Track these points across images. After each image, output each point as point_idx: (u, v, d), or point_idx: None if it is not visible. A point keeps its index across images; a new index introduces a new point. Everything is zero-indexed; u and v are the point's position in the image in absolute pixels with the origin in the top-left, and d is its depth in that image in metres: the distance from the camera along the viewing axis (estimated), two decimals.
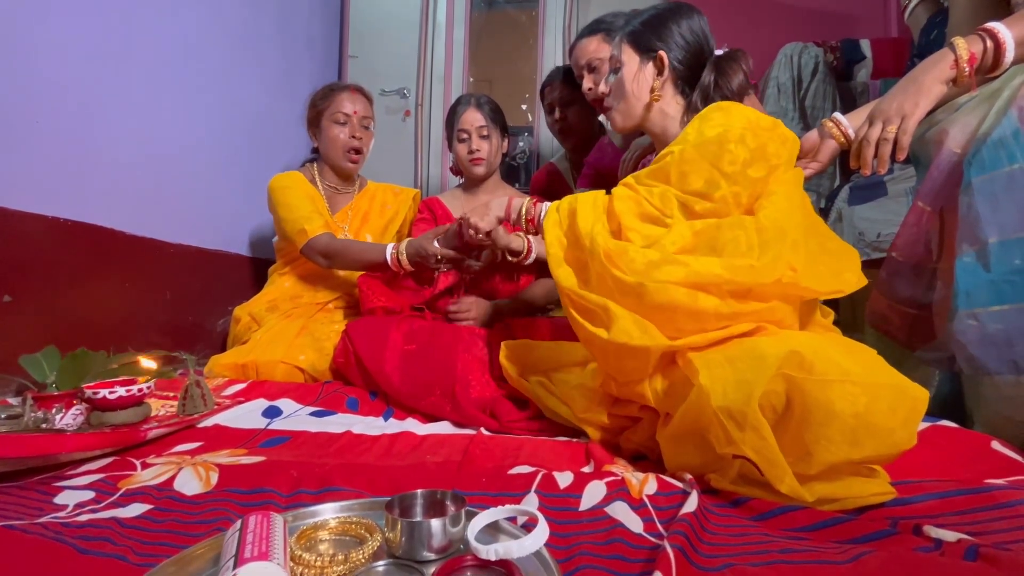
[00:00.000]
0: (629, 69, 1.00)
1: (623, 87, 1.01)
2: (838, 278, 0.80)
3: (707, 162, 0.83)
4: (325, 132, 1.57)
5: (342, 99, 1.56)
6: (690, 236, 0.82)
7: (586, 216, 0.89)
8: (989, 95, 0.90)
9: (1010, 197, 0.85)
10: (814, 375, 0.64)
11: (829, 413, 0.62)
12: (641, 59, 1.00)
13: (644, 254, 0.80)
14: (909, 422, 0.64)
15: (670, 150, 0.87)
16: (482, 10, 2.60)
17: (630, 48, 1.01)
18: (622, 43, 1.02)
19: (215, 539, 0.56)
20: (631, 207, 0.87)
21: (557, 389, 1.00)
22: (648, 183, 0.88)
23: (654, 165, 0.89)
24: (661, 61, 0.98)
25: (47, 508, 0.68)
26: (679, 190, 0.85)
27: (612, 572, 0.54)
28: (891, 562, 0.50)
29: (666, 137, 1.01)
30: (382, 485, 0.72)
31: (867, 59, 2.20)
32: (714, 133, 0.84)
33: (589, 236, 0.85)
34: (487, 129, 1.48)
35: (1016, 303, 0.85)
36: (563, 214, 0.93)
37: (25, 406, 0.86)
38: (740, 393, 0.67)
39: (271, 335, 1.43)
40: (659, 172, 0.87)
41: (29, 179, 1.22)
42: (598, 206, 0.91)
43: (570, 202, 0.93)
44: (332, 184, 1.64)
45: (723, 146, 0.83)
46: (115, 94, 1.43)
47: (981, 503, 0.63)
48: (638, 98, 1.00)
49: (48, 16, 1.25)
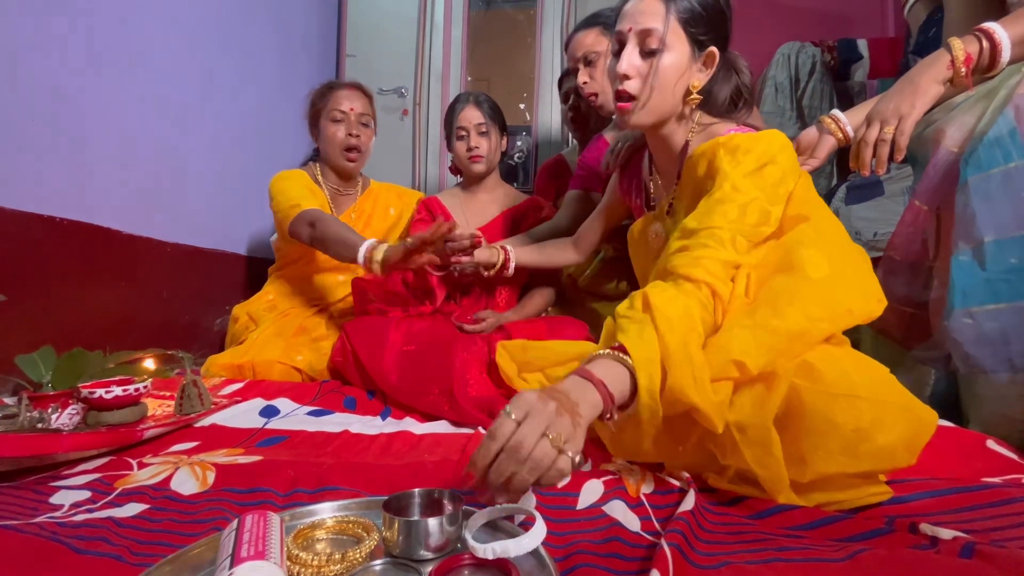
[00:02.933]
0: (677, 58, 0.83)
1: (665, 78, 0.83)
2: (870, 300, 0.74)
3: (758, 190, 0.78)
4: (323, 131, 1.54)
5: (339, 96, 1.53)
6: (755, 276, 0.75)
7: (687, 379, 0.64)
8: (986, 94, 0.91)
9: (1006, 196, 0.85)
10: (820, 385, 0.64)
11: (830, 424, 0.62)
12: (692, 50, 0.85)
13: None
14: (913, 444, 0.63)
15: (718, 188, 0.78)
16: (480, 9, 2.59)
17: (683, 32, 0.84)
18: (671, 19, 0.83)
19: (212, 539, 0.56)
20: (718, 269, 0.74)
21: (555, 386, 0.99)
22: (707, 235, 0.75)
23: (690, 223, 0.78)
24: (712, 59, 0.86)
25: (43, 508, 0.67)
26: (741, 224, 0.76)
27: (609, 571, 0.54)
28: (887, 560, 0.50)
29: (671, 142, 0.93)
30: (379, 484, 0.72)
31: (864, 59, 2.21)
32: (755, 164, 0.79)
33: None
34: (486, 127, 1.48)
35: (1012, 302, 0.85)
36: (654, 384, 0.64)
37: (21, 406, 0.86)
38: (754, 408, 0.65)
39: (268, 335, 1.43)
40: (719, 215, 0.76)
41: (26, 178, 1.21)
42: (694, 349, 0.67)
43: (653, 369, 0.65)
44: (334, 184, 1.61)
45: (763, 170, 0.79)
46: (112, 93, 1.43)
47: (977, 501, 0.63)
48: (675, 95, 0.86)
49: (46, 15, 1.25)
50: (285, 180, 1.50)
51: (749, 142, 0.82)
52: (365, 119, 1.57)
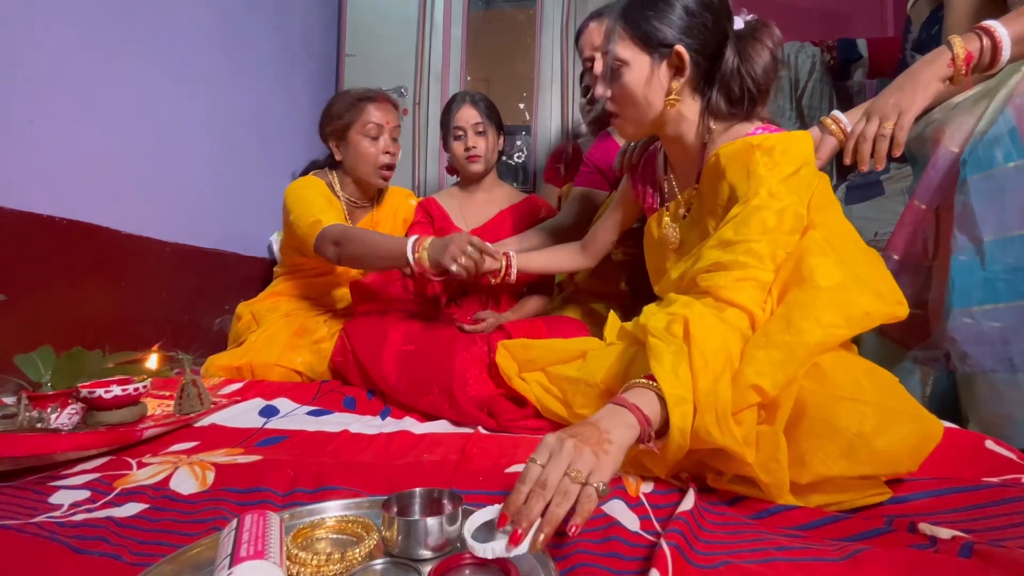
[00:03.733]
0: (637, 71, 0.84)
1: (632, 93, 0.85)
2: (888, 302, 0.73)
3: (794, 194, 0.77)
4: (355, 147, 1.44)
5: (373, 110, 1.44)
6: (775, 292, 0.74)
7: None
8: (986, 93, 0.91)
9: (1006, 195, 0.85)
10: (824, 388, 0.63)
11: (831, 427, 0.62)
12: (652, 58, 0.84)
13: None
14: (917, 453, 0.63)
15: (755, 193, 0.76)
16: (480, 9, 2.59)
17: (633, 43, 0.84)
18: (618, 36, 0.84)
19: (211, 538, 0.56)
20: (758, 294, 0.73)
21: (556, 384, 0.99)
22: (745, 251, 0.74)
23: (726, 233, 0.77)
24: (679, 58, 0.83)
25: (42, 508, 0.67)
26: (778, 233, 0.75)
27: (609, 570, 0.54)
28: (887, 559, 0.50)
29: (684, 142, 0.91)
30: (379, 484, 0.72)
31: (864, 59, 2.20)
32: (792, 167, 0.77)
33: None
34: (483, 126, 1.47)
35: (1011, 301, 0.85)
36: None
37: (20, 405, 0.86)
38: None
39: (267, 336, 1.42)
40: (758, 224, 0.74)
41: (25, 178, 1.21)
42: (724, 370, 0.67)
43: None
44: (353, 197, 1.53)
45: (799, 173, 0.78)
46: (111, 93, 1.43)
47: (976, 501, 0.63)
48: (651, 105, 0.85)
49: (44, 14, 1.25)
50: (301, 189, 1.42)
51: (784, 143, 0.79)
52: (396, 132, 1.49)
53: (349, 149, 1.46)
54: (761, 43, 0.84)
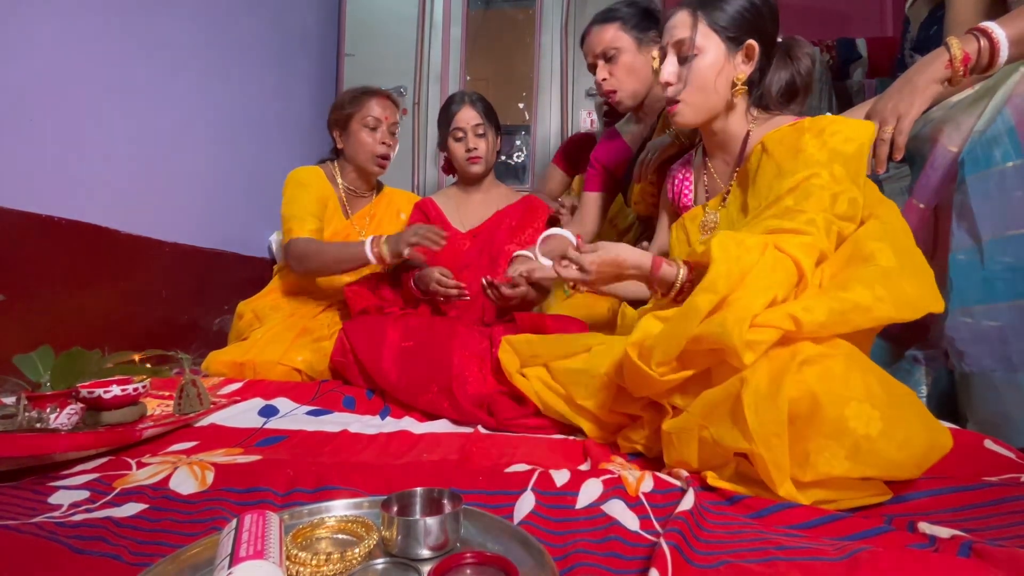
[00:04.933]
0: (712, 58, 0.89)
1: (704, 79, 0.89)
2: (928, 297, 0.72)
3: (850, 181, 0.77)
4: (355, 136, 1.56)
5: (374, 104, 1.56)
6: (828, 271, 0.75)
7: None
8: (984, 92, 0.91)
9: (1004, 194, 0.86)
10: (835, 387, 0.63)
11: (839, 428, 0.62)
12: (728, 47, 0.89)
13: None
14: (923, 462, 0.64)
15: (812, 172, 0.77)
16: (479, 8, 2.59)
17: (714, 33, 0.89)
18: (699, 24, 0.89)
19: (210, 538, 0.56)
20: (812, 255, 0.74)
21: (558, 377, 0.99)
22: (806, 221, 0.75)
23: (798, 192, 0.78)
24: (752, 51, 0.89)
25: (41, 508, 0.67)
26: (831, 214, 0.76)
27: (609, 570, 0.54)
28: (886, 559, 0.51)
29: (728, 132, 0.95)
30: (378, 484, 0.72)
31: (863, 58, 2.20)
32: (853, 148, 0.78)
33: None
34: (483, 127, 1.48)
35: (1009, 300, 0.85)
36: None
37: (19, 406, 0.86)
38: (771, 387, 0.65)
39: (270, 335, 1.43)
40: (812, 199, 0.76)
41: (23, 177, 1.21)
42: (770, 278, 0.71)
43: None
44: (351, 185, 1.63)
45: (860, 160, 0.78)
46: (110, 92, 1.42)
47: (975, 500, 0.64)
48: (719, 93, 0.90)
49: (42, 13, 1.24)
50: (296, 187, 1.53)
51: (836, 124, 0.81)
52: (394, 128, 1.61)
53: (350, 138, 1.58)
54: (803, 50, 0.92)
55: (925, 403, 0.97)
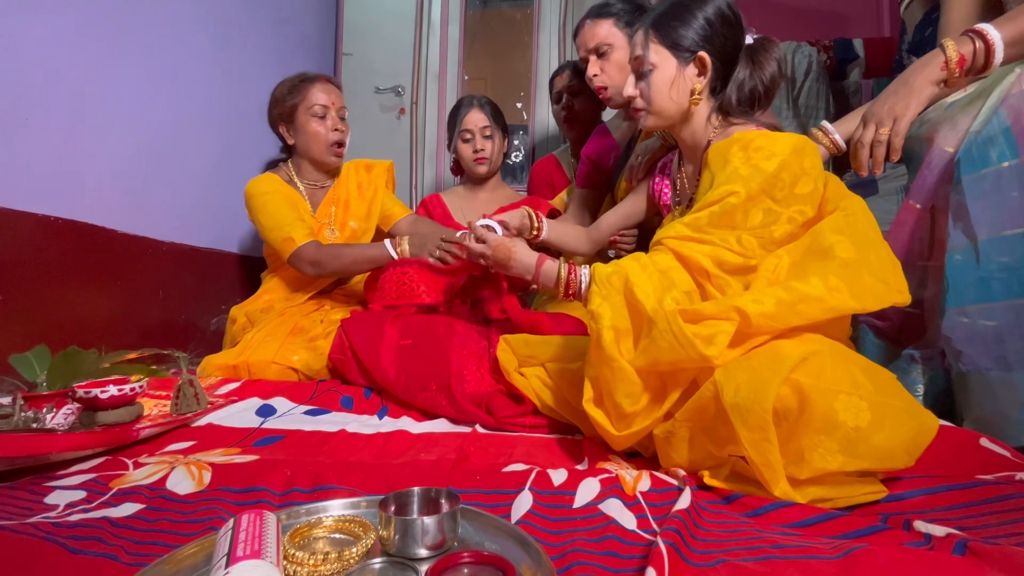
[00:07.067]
0: (665, 73, 0.93)
1: (660, 93, 0.94)
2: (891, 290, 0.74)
3: (766, 195, 0.79)
4: (303, 128, 1.49)
5: (316, 91, 1.48)
6: (787, 260, 0.78)
7: (645, 290, 0.76)
8: (980, 93, 0.91)
9: (1000, 194, 0.86)
10: (822, 382, 0.64)
11: (830, 423, 0.63)
12: (679, 61, 0.93)
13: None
14: (913, 447, 0.64)
15: (731, 190, 0.80)
16: (477, 8, 2.59)
17: (663, 48, 0.93)
18: (650, 41, 0.94)
19: (208, 538, 0.56)
20: (709, 254, 0.79)
21: (555, 377, 0.99)
22: (717, 231, 0.80)
23: (716, 208, 0.81)
24: (703, 63, 0.92)
25: (38, 508, 0.67)
26: (744, 229, 0.79)
27: (606, 569, 0.54)
28: (882, 557, 0.51)
29: (694, 139, 0.98)
30: (376, 483, 0.72)
31: (860, 58, 2.21)
32: (773, 166, 0.79)
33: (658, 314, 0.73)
34: (490, 129, 1.51)
35: (1005, 300, 0.85)
36: (614, 287, 0.79)
37: (15, 406, 0.86)
38: (753, 392, 0.65)
39: (263, 335, 1.42)
40: (725, 216, 0.80)
41: (19, 176, 1.21)
42: (652, 274, 0.78)
43: (619, 275, 0.79)
44: (312, 181, 1.57)
45: (778, 176, 0.79)
46: (107, 91, 1.42)
47: (970, 499, 0.64)
48: (677, 103, 0.94)
49: (39, 12, 1.24)
50: (264, 198, 1.45)
51: (763, 140, 0.83)
52: (343, 112, 1.52)
53: (299, 132, 1.51)
54: (769, 54, 0.94)
55: (922, 402, 0.98)
